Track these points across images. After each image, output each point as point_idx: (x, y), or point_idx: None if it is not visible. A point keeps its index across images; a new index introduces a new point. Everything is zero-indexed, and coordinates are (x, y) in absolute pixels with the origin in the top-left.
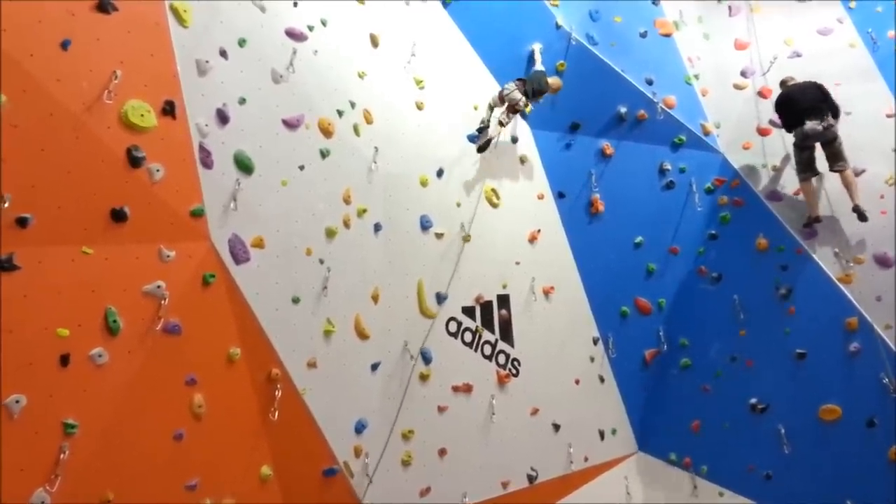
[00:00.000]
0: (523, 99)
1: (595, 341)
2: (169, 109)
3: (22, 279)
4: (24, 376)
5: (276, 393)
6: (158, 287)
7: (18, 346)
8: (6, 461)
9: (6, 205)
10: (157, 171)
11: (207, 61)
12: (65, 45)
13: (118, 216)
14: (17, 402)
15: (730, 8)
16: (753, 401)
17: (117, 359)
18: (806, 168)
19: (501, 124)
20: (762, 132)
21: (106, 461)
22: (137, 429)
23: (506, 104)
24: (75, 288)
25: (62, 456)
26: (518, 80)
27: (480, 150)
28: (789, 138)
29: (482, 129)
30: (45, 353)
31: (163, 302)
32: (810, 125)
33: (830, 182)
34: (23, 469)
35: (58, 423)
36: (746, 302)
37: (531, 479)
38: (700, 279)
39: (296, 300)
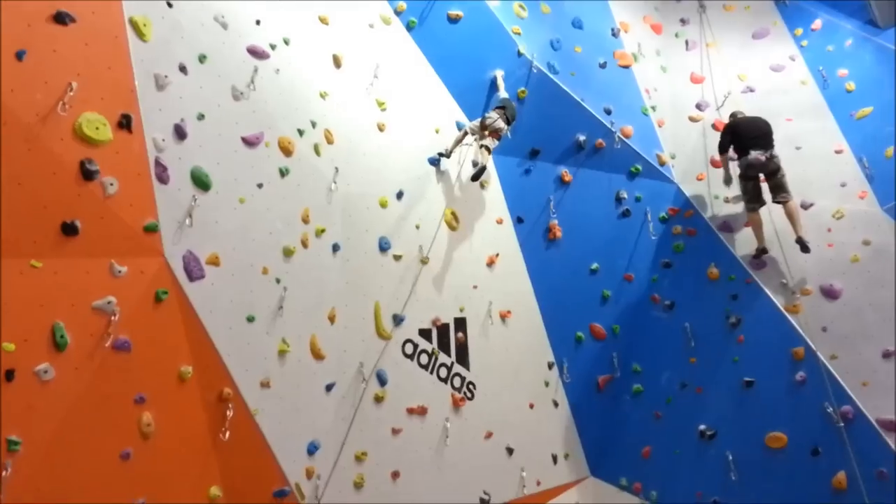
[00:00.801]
0: (506, 127)
1: (550, 366)
2: (125, 123)
3: None
4: None
5: (228, 413)
6: (109, 303)
7: None
8: None
9: None
10: (111, 184)
11: (166, 76)
12: (20, 55)
13: (69, 230)
14: None
15: (687, 42)
16: (702, 427)
17: (64, 375)
18: (752, 198)
19: (488, 150)
20: (715, 164)
21: (49, 479)
22: (83, 447)
23: (488, 132)
24: (23, 302)
25: (4, 473)
26: (497, 108)
27: (475, 178)
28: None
29: (444, 155)
30: None
31: (113, 318)
32: (754, 155)
33: (779, 214)
34: None
35: (1, 440)
36: (697, 330)
37: (484, 502)
38: (653, 306)
39: (251, 319)
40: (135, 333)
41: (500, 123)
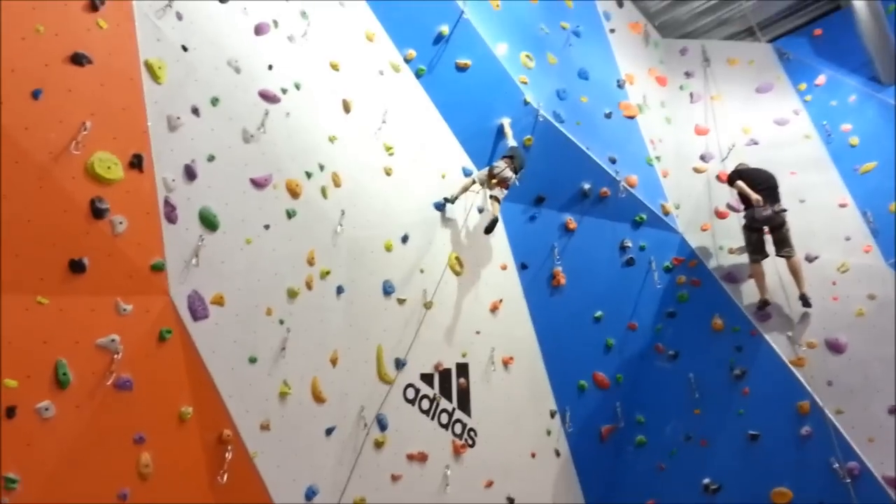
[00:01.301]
0: (514, 177)
1: (552, 414)
2: (136, 163)
3: None
4: None
5: (227, 455)
6: (112, 341)
7: None
8: None
9: None
10: (120, 223)
11: (179, 117)
12: (36, 94)
13: (77, 267)
14: None
15: (691, 95)
16: (707, 481)
17: (65, 413)
18: (755, 250)
19: (497, 200)
20: (720, 215)
21: None
22: (81, 486)
23: (496, 181)
24: (27, 338)
25: None
26: (505, 157)
27: (488, 230)
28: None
29: (449, 201)
30: None
31: (116, 356)
32: (760, 209)
33: (785, 266)
34: None
35: None
36: (702, 381)
37: None
38: (657, 356)
39: (253, 360)
40: (137, 372)
41: (508, 173)
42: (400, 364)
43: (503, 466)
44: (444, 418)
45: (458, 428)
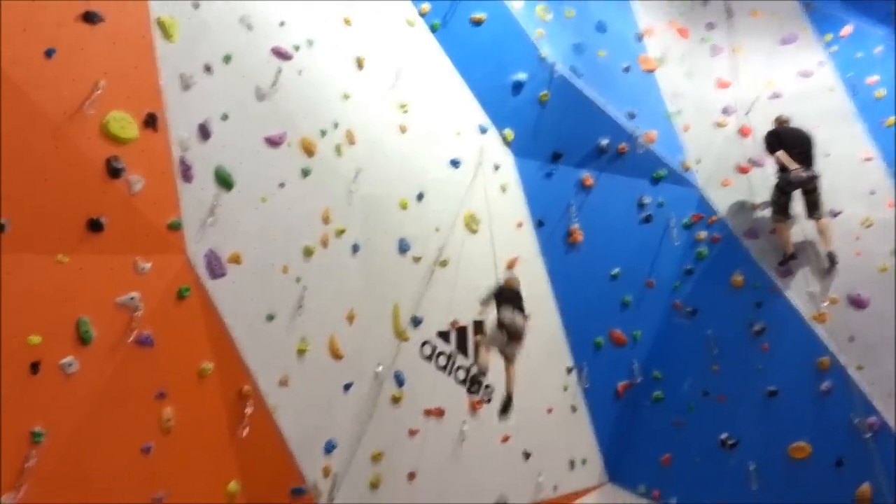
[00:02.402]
0: (525, 321)
1: (569, 371)
2: (151, 122)
3: None
4: None
5: (247, 410)
6: (132, 299)
7: None
8: None
9: None
10: (137, 182)
11: (192, 76)
12: (49, 53)
13: (95, 226)
14: None
15: (713, 47)
16: (724, 436)
17: (88, 369)
18: (781, 210)
19: (511, 361)
20: (742, 170)
21: (72, 471)
22: (105, 440)
23: (506, 335)
24: (49, 296)
25: (28, 464)
26: (500, 298)
27: (504, 411)
28: (768, 177)
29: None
30: (16, 360)
31: (136, 314)
32: (796, 172)
33: (809, 222)
34: None
35: (25, 431)
36: (720, 337)
37: None
38: (675, 313)
39: (270, 317)
40: (157, 329)
41: (520, 321)
42: (416, 321)
43: (519, 422)
44: (461, 375)
45: (474, 385)
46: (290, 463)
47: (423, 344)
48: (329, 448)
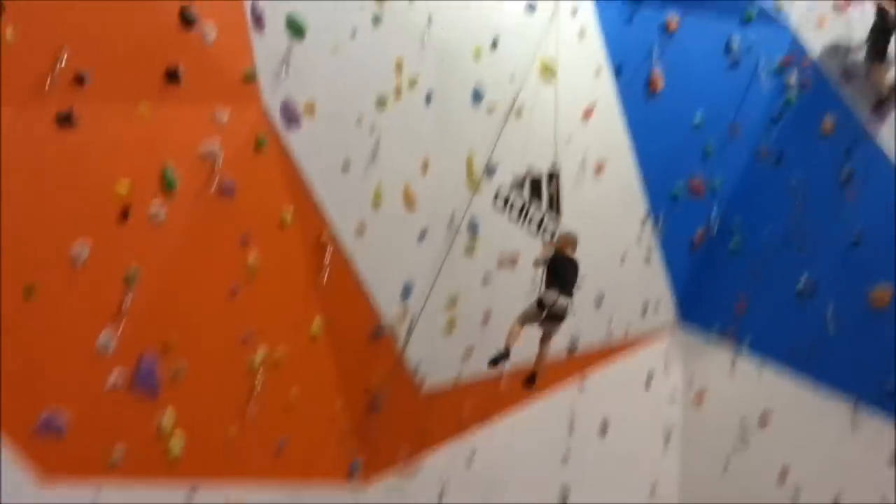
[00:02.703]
0: (569, 303)
1: (644, 221)
2: None
3: (81, 134)
4: (87, 227)
5: (326, 256)
6: (212, 148)
7: (81, 198)
8: (72, 306)
9: (62, 64)
10: (210, 32)
11: None
12: None
13: (172, 76)
14: (81, 251)
15: None
16: (802, 283)
17: (174, 216)
18: (878, 54)
19: (548, 340)
20: (841, 7)
21: (166, 310)
22: (195, 283)
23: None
24: (132, 145)
25: (125, 304)
26: (550, 271)
27: (529, 383)
28: (867, 18)
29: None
30: (107, 207)
31: (216, 163)
32: None
33: None
34: (88, 314)
35: (120, 273)
36: (805, 184)
37: (570, 349)
38: (759, 161)
39: (346, 167)
40: (237, 178)
41: (562, 304)
42: (490, 170)
43: (593, 269)
44: (535, 224)
45: (547, 234)
46: (369, 307)
47: (497, 193)
48: (405, 293)
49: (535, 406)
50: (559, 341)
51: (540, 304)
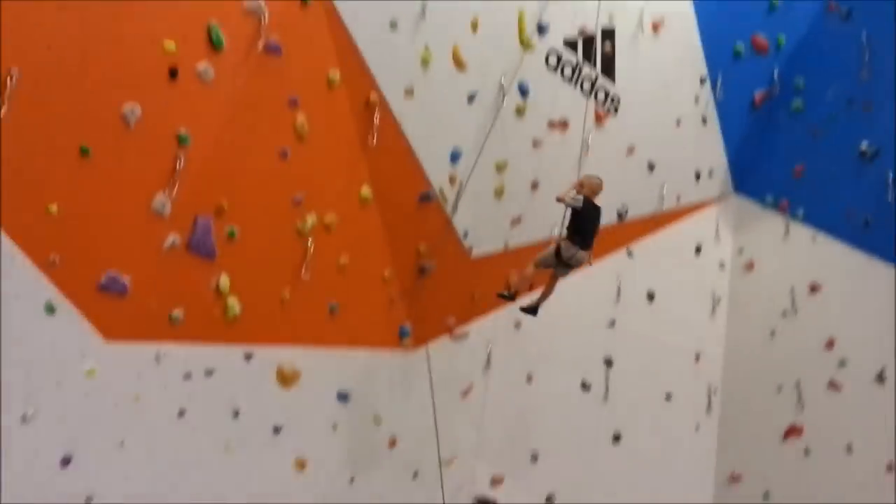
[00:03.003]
0: (587, 256)
1: (702, 81)
2: None
3: None
4: (137, 87)
5: (375, 118)
6: (258, 5)
7: (128, 56)
8: (127, 168)
9: None
10: None
11: None
12: None
13: None
14: (133, 111)
15: None
16: (865, 146)
17: (222, 75)
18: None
19: (556, 277)
20: None
21: (218, 172)
22: (245, 144)
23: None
24: (177, 3)
25: (178, 165)
26: (571, 223)
27: (530, 311)
28: None
29: (509, 297)
30: (155, 65)
31: (263, 21)
32: None
33: None
34: (143, 175)
35: (172, 134)
36: (875, 41)
37: (620, 216)
38: (827, 15)
39: (393, 25)
40: (284, 37)
41: (581, 256)
42: (542, 30)
43: (646, 133)
44: (587, 86)
45: (600, 95)
46: (418, 170)
47: (549, 53)
48: (454, 157)
49: (583, 273)
50: (609, 211)
51: (558, 254)
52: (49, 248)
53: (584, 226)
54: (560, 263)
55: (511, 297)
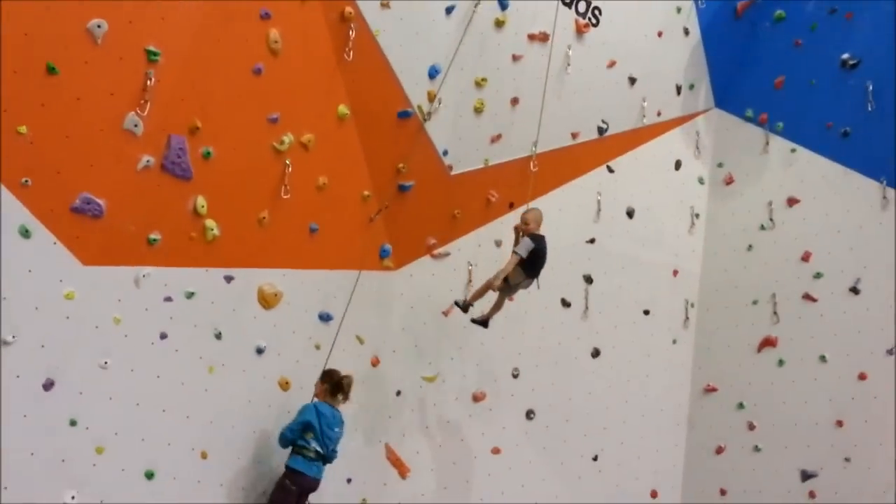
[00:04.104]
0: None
1: None
2: None
3: None
4: (102, 1)
5: (350, 33)
6: None
7: None
8: (96, 85)
9: None
10: None
11: None
12: None
13: None
14: (99, 26)
15: None
16: (846, 56)
17: None
18: None
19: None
20: None
21: (190, 91)
22: (217, 60)
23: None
24: None
25: (148, 82)
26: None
27: (478, 323)
28: None
29: (460, 306)
30: None
31: None
32: None
33: None
34: (112, 93)
35: (140, 50)
36: None
37: (601, 130)
38: None
39: None
40: None
41: (527, 283)
42: None
43: (627, 46)
44: None
45: (581, 6)
46: (396, 87)
47: None
48: (432, 73)
49: (564, 190)
50: (589, 126)
51: (506, 280)
52: (20, 170)
53: (537, 261)
54: (508, 287)
55: (464, 309)
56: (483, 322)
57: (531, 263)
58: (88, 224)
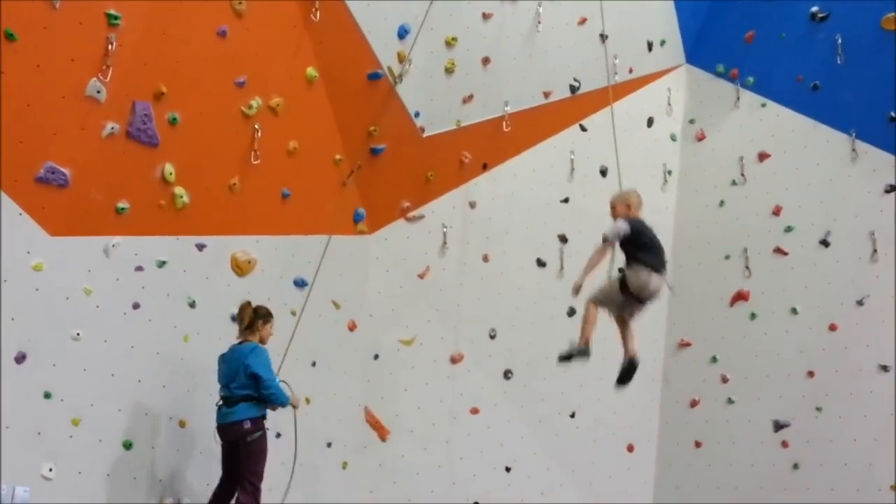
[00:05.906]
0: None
1: None
2: None
3: None
4: None
5: None
6: None
7: None
8: (56, 51)
9: None
10: None
11: None
12: None
13: None
14: None
15: None
16: (815, 9)
17: None
18: None
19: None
20: None
21: (154, 55)
22: (180, 23)
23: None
24: None
25: (110, 47)
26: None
27: (623, 381)
28: None
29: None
30: None
31: None
32: None
33: None
34: (73, 59)
35: (100, 14)
36: None
37: (573, 89)
38: None
39: None
40: None
41: (657, 283)
42: None
43: (597, 3)
44: None
45: None
46: (365, 47)
47: None
48: (402, 33)
49: (536, 150)
50: (561, 85)
51: (623, 285)
52: None
53: (645, 246)
54: (629, 297)
55: (584, 353)
56: (630, 365)
57: (642, 246)
58: (54, 194)
